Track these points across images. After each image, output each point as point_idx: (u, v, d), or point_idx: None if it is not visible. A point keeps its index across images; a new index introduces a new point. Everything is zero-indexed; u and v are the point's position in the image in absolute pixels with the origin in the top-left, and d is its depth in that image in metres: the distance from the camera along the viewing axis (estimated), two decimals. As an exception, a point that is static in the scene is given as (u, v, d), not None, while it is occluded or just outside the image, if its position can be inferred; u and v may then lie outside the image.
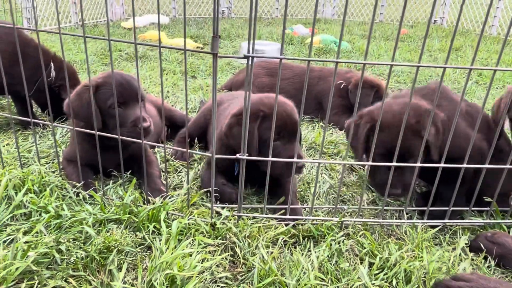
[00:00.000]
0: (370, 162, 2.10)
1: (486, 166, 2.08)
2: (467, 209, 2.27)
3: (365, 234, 2.09)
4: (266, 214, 2.21)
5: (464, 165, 2.07)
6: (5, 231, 1.98)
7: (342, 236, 2.08)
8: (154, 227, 2.03)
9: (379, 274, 1.82)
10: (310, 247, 2.02)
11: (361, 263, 1.92)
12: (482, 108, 2.04)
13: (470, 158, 2.06)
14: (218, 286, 1.78)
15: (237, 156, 2.03)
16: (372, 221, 2.23)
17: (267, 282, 1.73)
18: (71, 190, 2.28)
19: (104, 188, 2.40)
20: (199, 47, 7.39)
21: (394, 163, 2.03)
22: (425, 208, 2.24)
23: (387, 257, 1.90)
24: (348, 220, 2.18)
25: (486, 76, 5.82)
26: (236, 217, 2.16)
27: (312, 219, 2.19)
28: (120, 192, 2.36)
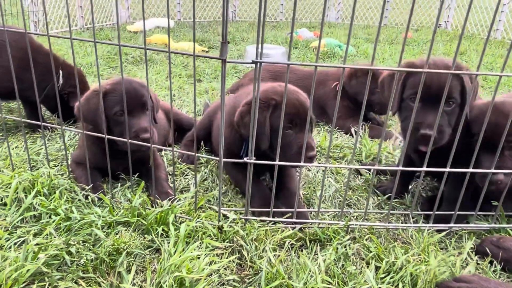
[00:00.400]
0: (377, 166, 2.11)
1: (492, 171, 2.09)
2: (473, 213, 2.27)
3: (371, 238, 2.10)
4: (273, 218, 2.23)
5: (470, 170, 2.08)
6: (16, 233, 2.01)
7: (349, 240, 2.09)
8: (163, 230, 2.06)
9: (385, 278, 1.83)
10: (317, 251, 2.03)
11: (368, 267, 1.93)
12: (488, 113, 2.04)
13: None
14: (226, 289, 1.80)
15: (245, 160, 2.05)
16: (378, 225, 2.24)
17: (275, 285, 1.74)
18: (80, 193, 2.30)
19: (113, 191, 2.42)
20: (204, 51, 7.44)
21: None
22: (431, 212, 2.25)
23: (393, 261, 1.91)
24: (354, 224, 2.19)
25: (491, 80, 5.81)
26: (243, 220, 2.18)
27: (319, 223, 2.20)
28: (129, 195, 2.39)
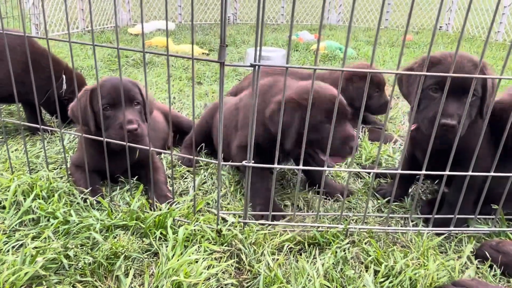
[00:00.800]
0: (376, 170, 2.11)
1: (492, 174, 2.09)
2: (473, 217, 2.27)
3: (371, 242, 2.09)
4: (272, 221, 2.22)
5: (470, 173, 2.07)
6: (14, 236, 2.01)
7: (348, 244, 2.08)
8: (161, 233, 2.05)
9: (385, 282, 1.82)
10: (316, 254, 2.02)
11: (366, 271, 1.92)
12: (488, 116, 2.04)
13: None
14: (224, 293, 1.80)
15: (243, 164, 2.05)
16: (378, 229, 2.23)
17: (273, 289, 1.74)
18: (79, 196, 2.30)
19: (111, 194, 2.42)
20: (205, 53, 7.45)
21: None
22: (431, 216, 2.24)
23: (393, 265, 1.90)
24: (354, 228, 2.18)
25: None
26: (242, 224, 2.17)
27: (318, 226, 2.19)
28: (127, 198, 2.39)
